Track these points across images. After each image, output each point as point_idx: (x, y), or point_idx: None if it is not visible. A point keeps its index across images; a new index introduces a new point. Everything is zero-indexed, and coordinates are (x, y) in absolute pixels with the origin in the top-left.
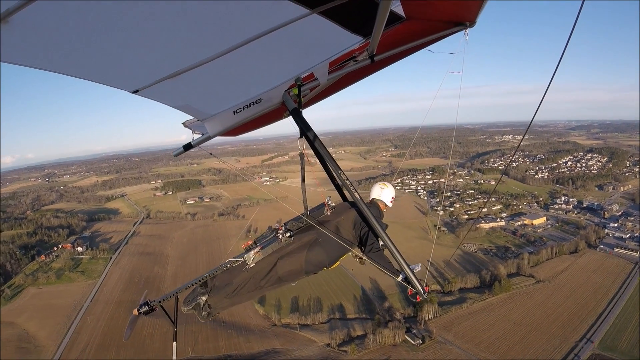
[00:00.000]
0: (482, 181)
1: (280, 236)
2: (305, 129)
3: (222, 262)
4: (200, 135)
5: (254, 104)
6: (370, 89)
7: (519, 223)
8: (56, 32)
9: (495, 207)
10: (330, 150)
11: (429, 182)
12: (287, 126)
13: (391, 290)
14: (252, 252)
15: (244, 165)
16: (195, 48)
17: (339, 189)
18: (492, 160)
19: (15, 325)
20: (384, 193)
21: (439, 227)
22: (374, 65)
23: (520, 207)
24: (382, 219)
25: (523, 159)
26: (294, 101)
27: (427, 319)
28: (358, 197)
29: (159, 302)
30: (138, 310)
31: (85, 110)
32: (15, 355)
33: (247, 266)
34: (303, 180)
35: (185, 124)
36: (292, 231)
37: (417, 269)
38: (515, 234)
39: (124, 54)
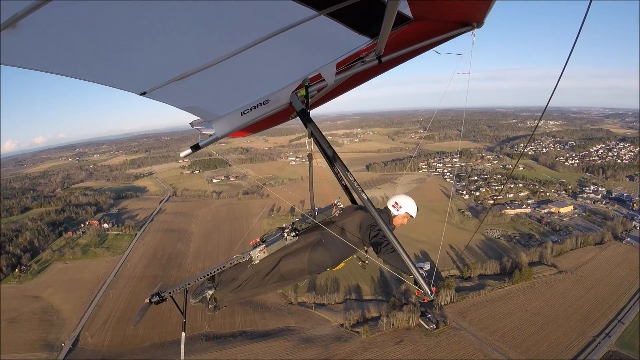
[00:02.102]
0: (510, 166)
1: (286, 235)
2: (312, 129)
3: (230, 257)
4: (208, 136)
5: (261, 105)
6: (402, 70)
7: (545, 211)
8: (63, 36)
9: (522, 194)
10: (358, 131)
11: (456, 165)
12: (318, 107)
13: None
14: (258, 249)
15: (271, 144)
16: (202, 50)
17: (346, 190)
18: (521, 145)
19: (40, 298)
20: (394, 205)
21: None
22: (382, 66)
23: (547, 194)
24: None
25: (554, 145)
26: (302, 102)
27: (443, 304)
28: (365, 197)
29: (170, 293)
30: (150, 299)
31: (117, 91)
32: (39, 327)
33: (252, 263)
34: (311, 180)
35: (192, 124)
36: (297, 231)
37: (426, 267)
38: (540, 222)
39: (131, 56)
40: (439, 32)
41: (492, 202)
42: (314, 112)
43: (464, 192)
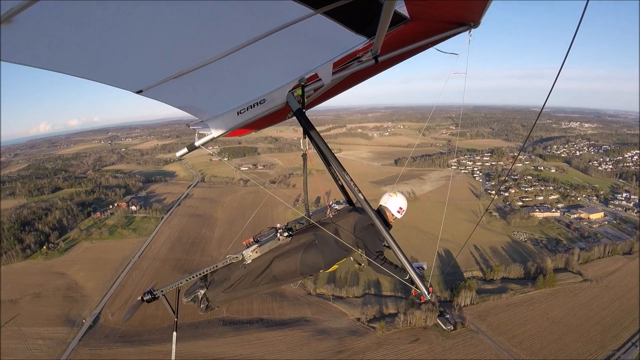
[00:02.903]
0: (542, 167)
1: (279, 235)
2: (309, 129)
3: (222, 257)
4: (205, 136)
5: (257, 105)
6: (435, 63)
7: (575, 216)
8: (59, 32)
9: (552, 197)
10: (389, 124)
11: (486, 164)
12: (348, 98)
13: (432, 271)
14: (250, 249)
15: (300, 135)
16: (198, 48)
17: (343, 190)
18: (555, 146)
19: (65, 275)
20: (390, 201)
21: (487, 210)
22: (378, 66)
23: (578, 199)
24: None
25: (588, 148)
26: (298, 101)
27: (462, 305)
28: (362, 197)
29: (162, 291)
30: (142, 297)
31: None
32: (62, 303)
33: (244, 263)
34: (305, 181)
35: (189, 125)
36: (291, 231)
37: (424, 266)
38: (569, 227)
39: (127, 54)
40: (435, 32)
41: (520, 204)
42: (329, 106)
43: (493, 192)
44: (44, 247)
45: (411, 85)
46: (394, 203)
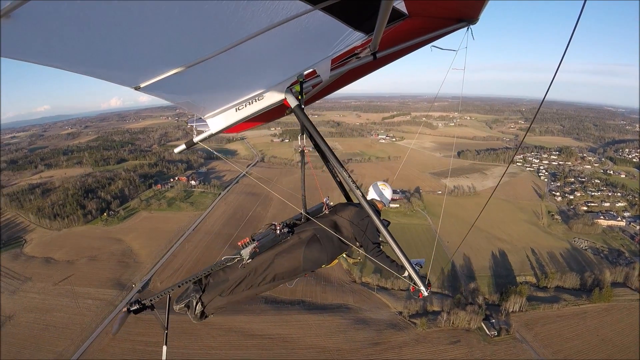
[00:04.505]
0: (611, 171)
1: (278, 232)
2: (307, 125)
3: (218, 259)
4: (203, 132)
5: (256, 101)
6: (507, 54)
7: None
8: (57, 28)
9: (619, 204)
10: (455, 114)
11: (553, 163)
12: (414, 85)
13: (483, 272)
14: (249, 248)
15: (363, 120)
16: (196, 45)
17: (341, 186)
18: (627, 150)
19: (122, 242)
20: (383, 194)
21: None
22: (377, 62)
23: None
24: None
25: None
26: (296, 98)
27: (510, 310)
28: (360, 193)
29: (151, 300)
30: (128, 308)
31: None
32: (116, 267)
33: (243, 262)
34: (303, 177)
35: (187, 122)
36: (290, 228)
37: (422, 263)
38: (633, 239)
39: (125, 50)
40: (433, 29)
41: (585, 208)
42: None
43: (557, 194)
44: (105, 213)
45: (481, 75)
46: (387, 195)
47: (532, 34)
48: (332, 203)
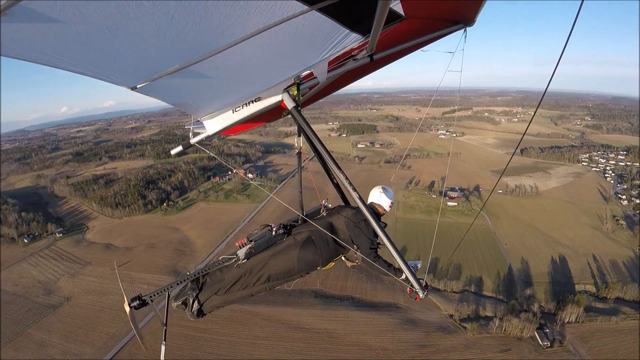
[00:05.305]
0: None
1: (274, 233)
2: (304, 127)
3: (216, 259)
4: (200, 133)
5: (253, 103)
6: (576, 47)
7: None
8: (53, 27)
9: None
10: (519, 110)
11: (620, 163)
12: (476, 79)
13: (541, 278)
14: (245, 248)
15: (423, 115)
16: (193, 45)
17: (338, 188)
18: None
19: (180, 231)
20: (382, 198)
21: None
22: (373, 64)
23: None
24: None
25: None
26: (293, 99)
27: (566, 321)
28: (357, 195)
29: (151, 297)
30: (129, 305)
31: None
32: (172, 255)
33: (239, 262)
34: (300, 178)
35: (185, 125)
36: (286, 229)
37: (419, 265)
38: None
39: (120, 50)
40: (430, 31)
41: None
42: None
43: (624, 197)
44: (164, 204)
45: (545, 69)
46: (386, 200)
47: (597, 30)
48: (330, 205)
